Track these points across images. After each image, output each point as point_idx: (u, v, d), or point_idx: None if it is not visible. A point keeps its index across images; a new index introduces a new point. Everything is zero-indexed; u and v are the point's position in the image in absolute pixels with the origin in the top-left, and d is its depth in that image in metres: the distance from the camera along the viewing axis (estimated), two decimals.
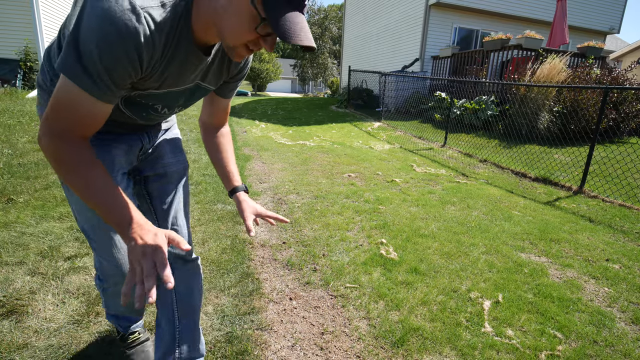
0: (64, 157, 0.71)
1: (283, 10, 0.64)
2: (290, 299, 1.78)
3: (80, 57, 0.64)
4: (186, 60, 0.79)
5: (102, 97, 0.69)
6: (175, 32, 0.73)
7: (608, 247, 2.56)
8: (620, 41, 21.49)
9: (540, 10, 10.84)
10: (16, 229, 2.18)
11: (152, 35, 0.68)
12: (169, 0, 0.69)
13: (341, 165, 4.43)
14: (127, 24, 0.63)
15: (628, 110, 6.24)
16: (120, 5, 0.62)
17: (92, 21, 0.63)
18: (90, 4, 0.63)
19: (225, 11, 0.69)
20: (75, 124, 0.71)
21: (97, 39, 0.63)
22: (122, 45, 0.64)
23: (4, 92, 7.35)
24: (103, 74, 0.66)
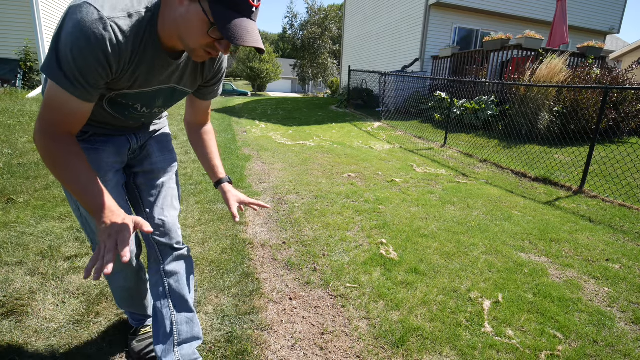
0: (51, 150, 0.83)
1: (230, 16, 0.76)
2: (290, 299, 1.78)
3: (59, 61, 0.76)
4: (154, 64, 0.90)
5: (80, 96, 0.80)
6: (141, 38, 0.83)
7: (608, 247, 2.56)
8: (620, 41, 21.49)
9: (540, 10, 10.84)
10: (16, 229, 2.18)
11: (117, 42, 0.79)
12: (135, 11, 0.81)
13: (341, 165, 4.43)
14: (94, 32, 0.75)
15: (628, 110, 6.24)
16: (90, 16, 0.74)
17: (68, 31, 0.74)
18: (68, 16, 0.75)
19: (182, 19, 0.80)
20: (61, 121, 0.83)
21: (72, 46, 0.75)
22: (91, 50, 0.76)
23: (4, 92, 7.35)
24: (78, 76, 0.77)
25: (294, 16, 28.09)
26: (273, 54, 36.40)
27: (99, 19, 0.75)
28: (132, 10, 0.81)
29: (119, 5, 0.79)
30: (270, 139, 6.04)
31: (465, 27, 10.78)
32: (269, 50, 35.78)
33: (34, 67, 8.50)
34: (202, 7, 0.76)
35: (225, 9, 0.75)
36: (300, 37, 27.86)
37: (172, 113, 7.53)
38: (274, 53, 37.05)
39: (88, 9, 0.74)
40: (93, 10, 0.74)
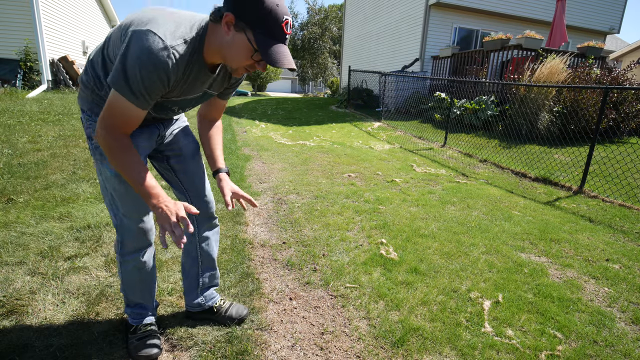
0: (112, 147, 1.01)
1: (270, 43, 0.94)
2: (290, 299, 1.78)
3: (127, 79, 0.93)
4: (198, 77, 1.09)
5: (140, 106, 0.99)
6: (192, 59, 1.02)
7: (608, 247, 2.56)
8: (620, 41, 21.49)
9: (540, 10, 10.84)
10: (16, 229, 2.18)
11: (177, 65, 0.97)
12: (189, 38, 0.98)
13: (341, 165, 4.43)
14: (160, 59, 0.92)
15: (628, 110, 6.24)
16: (156, 45, 0.91)
17: (135, 54, 0.91)
18: (134, 42, 0.91)
19: (229, 45, 0.98)
20: (121, 124, 1.01)
21: (140, 68, 0.92)
22: (157, 73, 0.94)
23: (4, 92, 7.35)
24: (143, 91, 0.96)
25: (294, 16, 28.08)
26: None
27: (164, 48, 0.92)
28: (187, 37, 0.98)
29: (177, 33, 0.96)
30: (270, 139, 6.04)
31: (465, 27, 10.78)
32: None
33: (34, 67, 8.50)
34: (247, 36, 0.94)
35: (266, 37, 0.94)
36: (301, 37, 27.85)
37: None
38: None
39: (154, 37, 0.91)
40: (158, 40, 0.91)
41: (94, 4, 12.32)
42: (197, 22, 1.02)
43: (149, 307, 1.43)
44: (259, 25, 0.93)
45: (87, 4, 11.58)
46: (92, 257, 1.95)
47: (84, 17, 11.37)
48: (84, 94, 1.17)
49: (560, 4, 8.41)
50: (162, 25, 0.94)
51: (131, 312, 1.40)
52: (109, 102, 0.98)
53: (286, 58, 0.95)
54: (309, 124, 8.09)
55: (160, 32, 0.92)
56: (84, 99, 1.18)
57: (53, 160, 3.59)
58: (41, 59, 8.50)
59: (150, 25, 0.93)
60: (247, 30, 0.94)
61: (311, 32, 27.33)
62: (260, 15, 0.92)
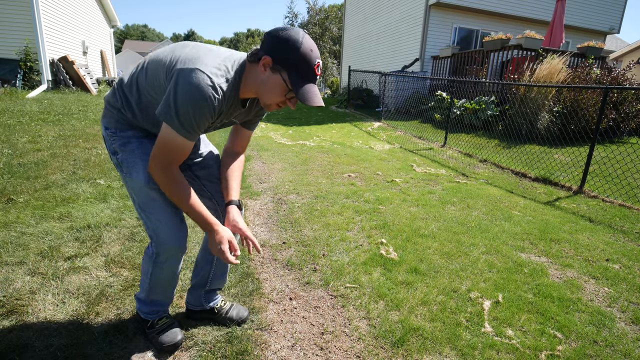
0: (169, 182, 1.11)
1: (302, 83, 1.04)
2: (290, 299, 1.78)
3: (179, 115, 1.01)
4: (232, 110, 1.18)
5: (191, 138, 1.08)
6: (231, 94, 1.10)
7: (608, 247, 2.56)
8: (620, 41, 21.49)
9: (540, 10, 10.84)
10: (16, 229, 2.18)
11: (222, 100, 1.06)
12: (230, 77, 1.07)
13: (341, 165, 4.43)
14: (210, 95, 1.01)
15: (628, 110, 6.24)
16: (206, 82, 1.00)
17: (186, 91, 0.99)
18: (183, 79, 0.99)
19: (264, 83, 1.08)
20: (174, 158, 1.10)
21: (192, 104, 1.00)
22: (207, 107, 1.02)
23: (4, 92, 7.35)
24: (194, 124, 1.04)
25: (294, 16, 28.07)
26: None
27: (212, 85, 1.01)
28: (229, 76, 1.07)
29: (219, 72, 1.04)
30: (270, 139, 6.04)
31: (465, 27, 10.78)
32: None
33: (34, 67, 8.50)
34: (282, 77, 1.04)
35: (299, 78, 1.03)
36: None
37: None
38: None
39: (202, 75, 0.99)
40: (206, 78, 1.00)
41: (94, 4, 12.32)
42: (236, 61, 1.11)
43: (166, 304, 1.45)
44: (294, 68, 1.03)
45: (87, 4, 11.58)
46: (92, 257, 1.95)
47: (84, 17, 11.37)
48: (110, 113, 1.24)
49: (560, 4, 8.41)
50: (208, 64, 1.02)
51: (148, 310, 1.40)
52: (161, 140, 1.06)
53: (316, 97, 1.05)
54: (309, 124, 8.09)
55: (207, 70, 1.01)
56: (109, 118, 1.24)
57: (53, 160, 3.59)
58: (41, 59, 8.50)
59: (198, 64, 1.01)
60: (282, 71, 1.03)
61: (311, 32, 27.32)
62: (296, 60, 1.02)
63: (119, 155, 1.23)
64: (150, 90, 1.14)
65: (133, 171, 1.20)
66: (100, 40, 12.91)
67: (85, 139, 4.54)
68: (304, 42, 1.01)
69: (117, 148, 1.23)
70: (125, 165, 1.22)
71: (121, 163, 1.23)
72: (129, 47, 44.77)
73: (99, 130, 5.09)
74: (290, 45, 1.01)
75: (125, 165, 1.22)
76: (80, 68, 9.62)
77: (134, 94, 1.17)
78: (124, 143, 1.22)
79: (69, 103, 7.12)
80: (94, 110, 6.64)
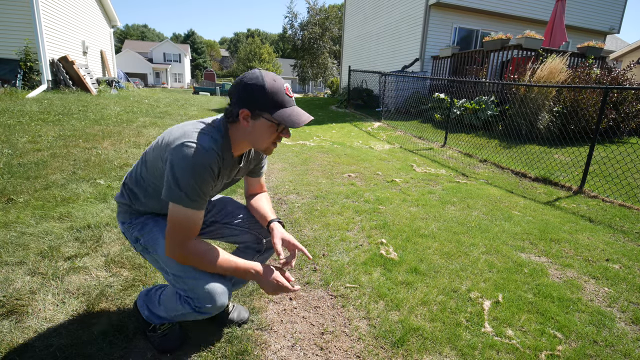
0: (191, 256, 1.11)
1: (285, 112, 1.06)
2: (290, 299, 1.78)
3: (181, 188, 1.03)
4: (230, 169, 1.22)
5: (199, 207, 1.09)
6: (225, 155, 1.14)
7: (608, 247, 2.56)
8: (620, 41, 21.50)
9: (540, 10, 10.84)
10: (16, 229, 2.18)
11: (219, 161, 1.10)
12: (218, 138, 1.11)
13: (341, 165, 4.43)
14: (209, 162, 1.06)
15: (628, 110, 6.24)
16: (196, 148, 1.04)
17: (182, 164, 1.02)
18: (176, 155, 1.03)
19: (252, 133, 1.11)
20: (189, 232, 1.10)
21: (190, 172, 1.03)
22: (206, 170, 1.05)
23: (4, 92, 7.36)
24: (198, 191, 1.06)
25: (294, 16, 28.07)
26: (273, 54, 36.39)
27: (203, 148, 1.04)
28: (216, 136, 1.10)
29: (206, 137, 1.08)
30: None
31: (465, 27, 10.78)
32: (269, 51, 35.78)
33: (34, 67, 8.50)
34: (265, 118, 1.07)
35: (280, 110, 1.06)
36: (301, 37, 27.84)
37: (172, 113, 7.53)
38: (274, 53, 37.03)
39: (192, 144, 1.04)
40: (196, 145, 1.04)
41: (94, 4, 12.32)
42: (216, 125, 1.14)
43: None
44: (271, 105, 1.06)
45: (87, 4, 11.58)
46: (92, 257, 1.95)
47: (84, 17, 11.37)
48: (122, 210, 1.31)
49: (560, 4, 8.41)
50: (193, 134, 1.07)
51: (156, 319, 1.35)
52: (171, 219, 1.07)
53: (303, 116, 1.09)
54: (308, 124, 8.09)
55: (194, 138, 1.05)
56: (123, 214, 1.31)
57: (53, 160, 3.59)
58: (41, 59, 8.50)
59: (184, 138, 1.06)
60: (263, 114, 1.07)
61: (311, 32, 27.30)
62: (268, 99, 1.05)
63: (141, 240, 1.26)
64: (153, 180, 1.20)
65: (158, 247, 1.23)
66: (100, 40, 12.91)
67: (85, 139, 4.54)
68: (265, 79, 1.05)
69: (137, 234, 1.27)
70: (150, 245, 1.25)
71: (146, 246, 1.25)
72: (129, 47, 44.79)
73: (99, 130, 5.09)
74: (256, 90, 1.04)
75: (149, 246, 1.25)
76: (80, 68, 9.62)
77: (139, 187, 1.24)
78: (141, 227, 1.27)
79: (69, 103, 7.12)
80: (94, 110, 6.64)
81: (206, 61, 65.55)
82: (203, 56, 65.10)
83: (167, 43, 46.09)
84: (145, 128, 5.62)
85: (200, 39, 69.77)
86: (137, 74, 37.84)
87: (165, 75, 43.53)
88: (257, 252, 1.48)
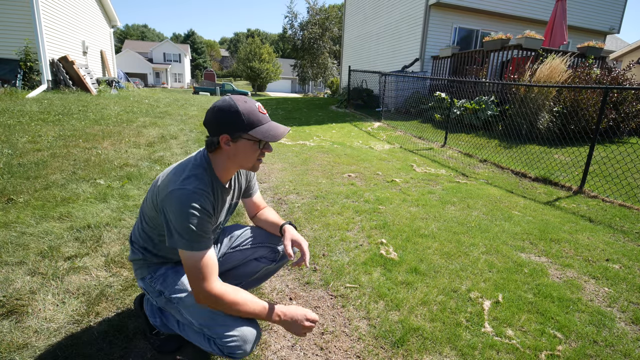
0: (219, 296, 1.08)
1: (263, 128, 1.12)
2: (290, 299, 1.78)
3: (182, 235, 1.06)
4: (223, 197, 1.26)
5: (206, 246, 1.09)
6: (214, 186, 1.18)
7: (608, 247, 2.56)
8: (620, 41, 21.50)
9: (540, 10, 10.84)
10: (16, 229, 2.18)
11: (209, 198, 1.12)
12: (202, 174, 1.14)
13: (341, 165, 4.43)
14: (199, 203, 1.07)
15: (628, 110, 6.24)
16: (185, 193, 1.06)
17: (177, 212, 1.05)
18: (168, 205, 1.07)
19: (236, 155, 1.15)
20: (208, 273, 1.08)
21: (186, 218, 1.05)
22: (203, 213, 1.08)
23: (4, 92, 7.36)
24: (200, 233, 1.07)
25: (294, 16, 28.08)
26: (273, 54, 36.38)
27: (192, 191, 1.07)
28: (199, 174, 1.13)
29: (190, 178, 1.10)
30: None
31: (465, 27, 10.78)
32: (269, 51, 35.78)
33: (34, 67, 8.50)
34: (245, 138, 1.12)
35: (257, 127, 1.11)
36: (301, 37, 27.85)
37: (172, 113, 7.53)
38: (274, 53, 37.03)
39: (180, 191, 1.06)
40: (184, 190, 1.07)
41: (94, 4, 12.32)
42: (198, 160, 1.17)
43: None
44: (248, 125, 1.10)
45: (87, 4, 11.58)
46: (92, 257, 1.95)
47: (84, 17, 11.37)
48: (138, 267, 1.31)
49: (560, 4, 8.41)
50: (177, 180, 1.10)
51: (167, 330, 1.36)
52: (185, 265, 1.08)
53: (280, 128, 1.15)
54: (309, 124, 8.09)
55: (179, 184, 1.08)
56: (141, 269, 1.31)
57: (53, 160, 3.59)
58: (41, 59, 8.49)
59: (170, 186, 1.09)
60: (242, 135, 1.11)
61: (311, 32, 27.30)
62: (244, 119, 1.09)
63: (165, 292, 1.24)
64: (156, 232, 1.23)
65: (183, 298, 1.20)
66: (100, 40, 12.91)
67: (85, 139, 4.53)
68: (237, 103, 1.09)
69: (160, 288, 1.25)
70: (174, 296, 1.22)
71: (170, 298, 1.23)
72: (129, 47, 44.79)
73: (99, 130, 5.09)
74: (231, 114, 1.09)
75: (174, 297, 1.22)
76: (80, 68, 9.62)
77: (146, 240, 1.26)
78: (163, 279, 1.27)
79: (69, 103, 7.12)
80: (94, 110, 6.64)
81: (206, 61, 65.56)
82: (203, 56, 65.10)
83: (167, 43, 46.10)
84: (145, 128, 5.62)
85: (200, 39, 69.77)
86: (137, 74, 37.85)
87: (165, 75, 43.54)
88: (272, 261, 1.49)
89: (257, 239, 1.49)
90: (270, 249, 1.47)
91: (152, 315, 1.38)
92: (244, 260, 1.49)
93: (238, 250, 1.48)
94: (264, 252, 1.47)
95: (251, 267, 1.48)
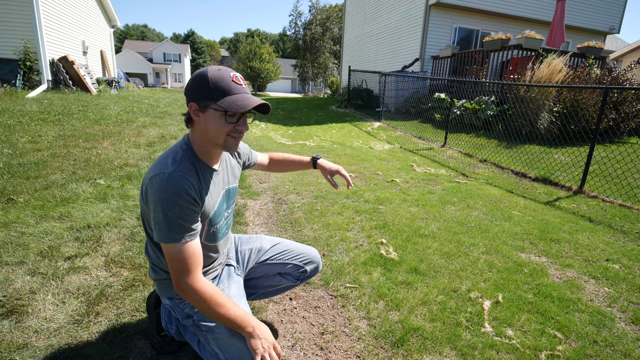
0: (199, 298, 1.03)
1: (230, 98, 1.02)
2: (290, 299, 1.78)
3: (159, 225, 1.00)
4: (211, 180, 1.15)
5: (188, 237, 1.03)
6: (197, 169, 1.09)
7: (608, 247, 2.56)
8: (620, 41, 21.50)
9: (540, 10, 10.84)
10: (16, 229, 2.18)
11: (190, 181, 1.03)
12: (179, 155, 1.06)
13: (341, 165, 4.42)
14: (178, 188, 1.00)
15: (628, 110, 6.24)
16: (163, 179, 1.00)
17: (158, 199, 0.99)
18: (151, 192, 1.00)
19: (205, 127, 1.05)
20: (188, 267, 1.03)
21: (168, 206, 0.99)
22: (182, 200, 1.00)
23: (4, 92, 7.36)
24: (181, 222, 1.01)
25: (299, 15, 28.10)
26: (273, 54, 36.37)
27: (169, 176, 1.00)
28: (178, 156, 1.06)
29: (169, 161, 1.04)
30: (270, 139, 6.04)
31: (465, 27, 10.78)
32: (269, 50, 35.78)
33: (34, 67, 8.51)
34: (213, 108, 1.02)
35: (226, 97, 1.02)
36: (302, 37, 27.87)
37: (173, 113, 7.52)
38: (274, 53, 37.02)
39: (160, 177, 1.00)
40: (162, 176, 1.00)
41: (94, 4, 12.32)
42: (179, 143, 1.12)
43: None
44: (216, 95, 1.02)
45: (87, 3, 11.58)
46: (92, 257, 1.95)
47: (84, 17, 11.37)
48: (164, 286, 1.23)
49: (561, 4, 8.41)
50: (157, 166, 1.04)
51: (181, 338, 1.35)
52: (167, 259, 1.04)
53: (251, 99, 1.04)
54: (309, 124, 8.09)
55: (158, 170, 1.02)
56: (167, 289, 1.22)
57: (53, 160, 3.59)
58: (41, 58, 8.50)
59: (150, 172, 1.04)
60: (209, 104, 1.02)
61: (313, 31, 27.34)
62: (211, 87, 1.02)
63: (194, 317, 1.17)
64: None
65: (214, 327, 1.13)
66: (100, 40, 12.91)
67: (85, 139, 4.53)
68: (208, 70, 1.03)
69: (189, 311, 1.18)
70: (204, 324, 1.15)
71: (199, 325, 1.16)
72: (129, 47, 44.78)
73: (99, 130, 5.09)
74: (199, 81, 1.03)
75: (203, 325, 1.15)
76: (80, 68, 9.62)
77: (159, 256, 1.18)
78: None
79: (69, 103, 7.12)
80: (94, 110, 6.64)
81: (206, 61, 65.52)
82: (203, 56, 65.07)
83: (167, 43, 46.08)
84: (145, 128, 5.62)
85: (200, 39, 69.72)
86: (137, 74, 37.83)
87: (165, 75, 43.52)
88: (296, 279, 1.49)
89: (287, 255, 1.47)
90: (298, 267, 1.46)
91: (168, 321, 1.34)
92: (268, 274, 1.47)
93: (266, 264, 1.45)
94: (291, 270, 1.46)
95: (272, 281, 1.48)
